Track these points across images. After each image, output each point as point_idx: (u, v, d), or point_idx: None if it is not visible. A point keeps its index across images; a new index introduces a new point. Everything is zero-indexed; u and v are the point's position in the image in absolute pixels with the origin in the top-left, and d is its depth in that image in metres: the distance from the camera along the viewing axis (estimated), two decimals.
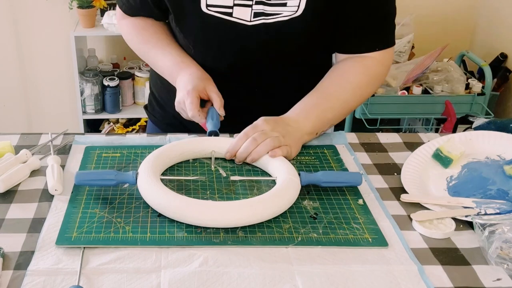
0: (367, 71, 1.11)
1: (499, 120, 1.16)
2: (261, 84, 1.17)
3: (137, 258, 0.78)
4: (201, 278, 0.74)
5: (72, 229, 0.83)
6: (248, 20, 1.06)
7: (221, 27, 1.07)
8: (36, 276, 0.74)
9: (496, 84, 2.50)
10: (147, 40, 1.20)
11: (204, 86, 1.06)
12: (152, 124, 1.34)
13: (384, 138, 1.14)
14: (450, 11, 2.77)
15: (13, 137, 1.10)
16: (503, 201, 0.91)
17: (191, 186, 0.94)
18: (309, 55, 1.15)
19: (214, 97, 1.06)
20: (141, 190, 0.89)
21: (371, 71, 1.12)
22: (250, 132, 1.00)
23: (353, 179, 0.94)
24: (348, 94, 1.11)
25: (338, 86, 1.10)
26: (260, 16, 1.05)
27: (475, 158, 1.03)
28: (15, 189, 0.93)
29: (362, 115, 2.39)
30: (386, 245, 0.82)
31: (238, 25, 1.06)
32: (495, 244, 0.78)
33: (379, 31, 1.11)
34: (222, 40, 1.11)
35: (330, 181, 0.93)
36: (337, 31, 1.11)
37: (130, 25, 1.23)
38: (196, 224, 0.83)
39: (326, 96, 1.09)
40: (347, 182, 0.94)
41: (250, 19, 1.05)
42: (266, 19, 1.05)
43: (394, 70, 2.43)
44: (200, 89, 1.06)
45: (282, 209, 0.87)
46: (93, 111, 2.76)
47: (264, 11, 1.04)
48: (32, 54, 2.83)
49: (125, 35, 1.26)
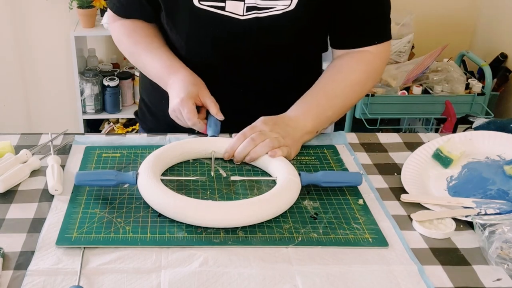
0: (365, 66, 1.11)
1: (499, 120, 1.16)
2: (253, 80, 1.16)
3: (137, 258, 0.78)
4: (201, 278, 0.74)
5: (72, 229, 0.83)
6: (240, 14, 1.05)
7: (214, 21, 1.06)
8: (36, 276, 0.74)
9: (496, 84, 2.50)
10: (137, 42, 1.18)
11: (197, 92, 1.06)
12: (143, 131, 1.31)
13: (384, 138, 1.14)
14: (450, 11, 2.77)
15: (13, 137, 1.10)
16: (503, 201, 0.91)
17: (191, 186, 0.94)
18: (302, 50, 1.15)
19: (209, 104, 1.06)
20: (142, 190, 0.89)
21: (369, 66, 1.12)
22: (248, 133, 0.99)
23: (353, 179, 0.94)
24: (347, 91, 1.10)
25: (337, 83, 1.10)
26: (253, 10, 1.04)
27: (475, 158, 1.03)
28: (15, 189, 0.93)
29: (362, 115, 2.39)
30: (386, 245, 0.82)
31: (231, 20, 1.05)
32: (495, 244, 0.78)
33: (376, 25, 1.11)
34: (215, 35, 1.09)
35: (330, 181, 0.93)
36: (333, 27, 1.12)
37: (121, 27, 1.21)
38: (196, 224, 0.83)
39: (325, 94, 1.09)
40: (347, 182, 0.94)
41: (243, 13, 1.05)
42: (259, 13, 1.05)
43: (394, 70, 2.43)
44: (194, 95, 1.05)
45: (282, 209, 0.87)
46: (93, 111, 2.76)
47: (257, 5, 1.04)
48: (32, 54, 2.83)
49: (116, 38, 1.23)
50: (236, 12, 1.05)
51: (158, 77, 1.15)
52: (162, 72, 1.13)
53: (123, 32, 1.21)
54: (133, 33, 1.19)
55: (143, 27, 1.19)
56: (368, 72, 1.12)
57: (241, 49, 1.11)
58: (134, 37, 1.18)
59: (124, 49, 1.22)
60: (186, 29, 1.12)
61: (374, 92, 2.37)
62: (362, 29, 1.10)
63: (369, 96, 2.35)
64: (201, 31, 1.10)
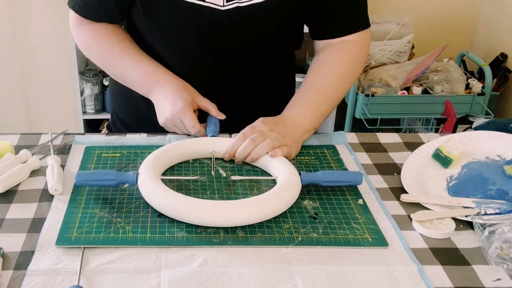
0: (349, 57, 1.12)
1: (499, 120, 1.16)
2: (236, 73, 1.15)
3: (137, 258, 0.78)
4: (201, 278, 0.74)
5: (72, 229, 0.83)
6: (221, 4, 1.04)
7: (195, 13, 1.05)
8: (36, 276, 0.74)
9: (496, 84, 2.50)
10: (109, 48, 1.12)
11: (192, 98, 1.06)
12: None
13: (384, 138, 1.14)
14: (450, 11, 2.77)
15: (13, 137, 1.10)
16: (503, 201, 0.91)
17: (191, 186, 0.94)
18: (283, 40, 1.15)
19: (208, 106, 1.07)
20: (142, 190, 0.89)
21: (352, 56, 1.13)
22: (248, 133, 1.00)
23: (353, 179, 0.94)
24: (336, 84, 1.11)
25: (325, 78, 1.11)
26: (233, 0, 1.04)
27: (475, 158, 1.03)
28: (15, 189, 0.93)
29: (362, 115, 2.40)
30: (386, 245, 0.82)
31: (212, 11, 1.04)
32: (495, 244, 0.78)
33: (355, 14, 1.12)
34: (198, 28, 1.08)
35: (330, 180, 0.93)
36: (313, 17, 1.12)
37: (88, 31, 1.13)
38: (196, 223, 0.83)
39: (317, 90, 1.10)
40: (347, 181, 0.94)
41: (223, 4, 1.04)
42: (240, 3, 1.04)
43: (394, 70, 2.43)
44: (191, 102, 1.05)
45: (282, 209, 0.87)
46: (93, 111, 2.76)
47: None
48: (32, 54, 2.83)
49: (83, 44, 1.16)
50: (216, 2, 1.04)
51: (140, 84, 1.11)
52: (145, 79, 1.10)
53: (90, 37, 1.14)
54: (104, 37, 1.12)
55: (114, 31, 1.13)
56: (353, 63, 1.13)
57: (225, 41, 1.10)
58: (105, 42, 1.13)
59: (95, 56, 1.16)
60: (167, 25, 1.09)
61: (374, 92, 2.38)
62: (342, 18, 1.12)
63: (369, 96, 2.35)
64: (184, 24, 1.08)
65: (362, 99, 2.37)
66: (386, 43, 2.49)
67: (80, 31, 1.15)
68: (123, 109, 1.28)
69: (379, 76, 2.44)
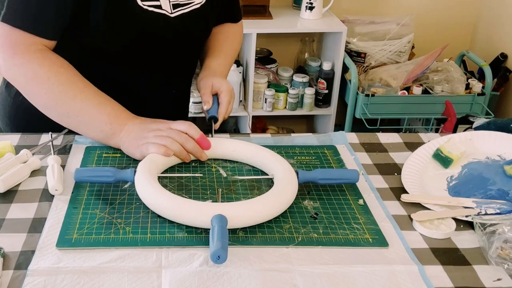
0: (233, 27, 1.34)
1: (499, 120, 1.16)
2: (170, 70, 1.21)
3: (138, 258, 0.78)
4: (201, 278, 0.74)
5: (73, 230, 0.83)
6: (170, 12, 1.09)
7: (155, 20, 1.07)
8: (36, 276, 0.74)
9: (496, 84, 2.50)
10: (72, 82, 1.00)
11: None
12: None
13: (384, 138, 1.14)
14: (450, 11, 2.77)
15: (13, 137, 1.10)
16: (503, 201, 0.91)
17: (191, 186, 0.94)
18: (208, 35, 1.26)
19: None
20: (139, 192, 0.89)
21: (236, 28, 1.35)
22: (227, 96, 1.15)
23: (350, 176, 0.94)
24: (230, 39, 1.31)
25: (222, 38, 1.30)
26: (178, 7, 1.10)
27: (475, 158, 1.03)
28: (16, 189, 0.93)
29: (362, 115, 2.40)
30: (387, 245, 0.82)
31: (166, 18, 1.08)
32: (495, 244, 0.79)
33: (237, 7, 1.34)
34: (157, 34, 1.09)
35: (327, 178, 0.93)
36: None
37: (38, 60, 0.98)
38: (195, 226, 0.83)
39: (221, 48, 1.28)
40: (344, 178, 0.94)
41: (171, 11, 1.09)
42: (183, 9, 1.11)
43: (394, 70, 2.43)
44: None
45: (282, 208, 0.87)
46: None
47: (179, 2, 1.10)
48: None
49: (29, 76, 0.98)
50: (167, 10, 1.08)
51: (107, 122, 1.01)
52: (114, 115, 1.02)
53: (47, 68, 0.99)
54: (61, 69, 1.00)
55: (67, 63, 1.02)
56: (235, 30, 1.34)
57: (170, 44, 1.14)
58: (64, 75, 1.00)
59: (45, 90, 0.99)
60: (128, 35, 1.06)
61: (374, 92, 2.38)
62: (233, 8, 1.32)
63: (369, 96, 2.36)
64: (146, 32, 1.07)
65: (362, 99, 2.37)
66: (386, 43, 2.50)
67: (23, 60, 0.98)
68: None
69: (379, 76, 2.45)
